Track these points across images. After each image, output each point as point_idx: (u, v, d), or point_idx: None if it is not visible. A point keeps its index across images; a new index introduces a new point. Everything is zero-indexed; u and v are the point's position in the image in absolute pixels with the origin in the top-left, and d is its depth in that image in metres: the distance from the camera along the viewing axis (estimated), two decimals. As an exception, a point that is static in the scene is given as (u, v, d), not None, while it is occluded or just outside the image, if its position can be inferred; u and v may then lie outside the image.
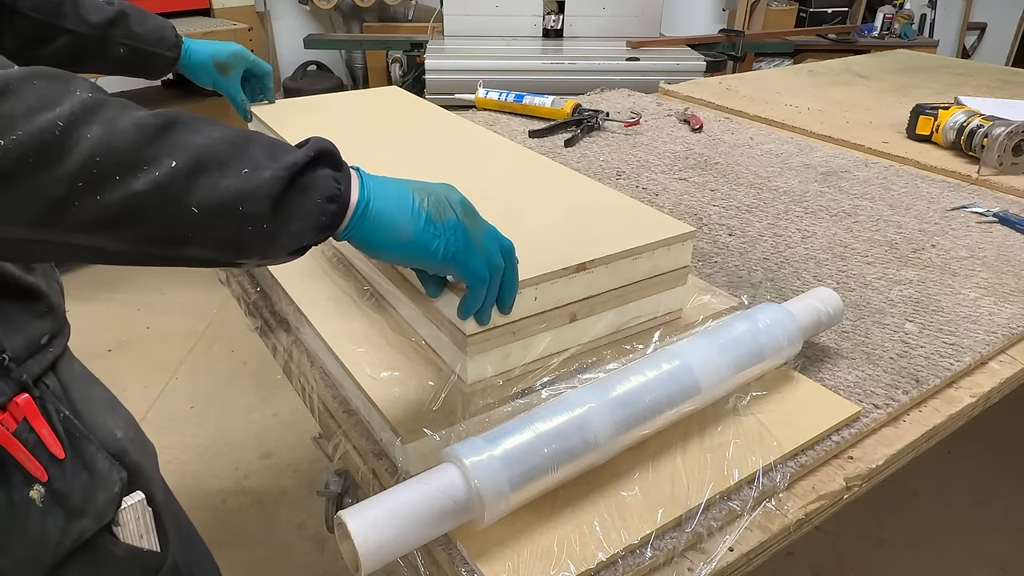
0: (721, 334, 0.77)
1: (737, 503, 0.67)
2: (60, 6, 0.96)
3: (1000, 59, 4.64)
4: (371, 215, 0.58)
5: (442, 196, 0.62)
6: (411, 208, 0.60)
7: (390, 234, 0.59)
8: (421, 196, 0.61)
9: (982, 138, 1.46)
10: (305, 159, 0.54)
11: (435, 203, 0.61)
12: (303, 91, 3.56)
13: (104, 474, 0.75)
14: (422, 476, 0.60)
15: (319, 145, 0.56)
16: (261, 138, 0.54)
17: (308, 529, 1.89)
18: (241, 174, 0.51)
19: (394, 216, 0.59)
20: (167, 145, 0.49)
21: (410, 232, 0.60)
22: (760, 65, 3.80)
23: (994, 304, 1.01)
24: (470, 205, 0.64)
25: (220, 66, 1.15)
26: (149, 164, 0.48)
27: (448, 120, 1.19)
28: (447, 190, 0.64)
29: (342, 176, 0.57)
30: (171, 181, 0.48)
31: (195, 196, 0.49)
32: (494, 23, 3.14)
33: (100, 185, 0.46)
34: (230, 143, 0.52)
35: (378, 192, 0.59)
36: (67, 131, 0.45)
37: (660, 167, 1.49)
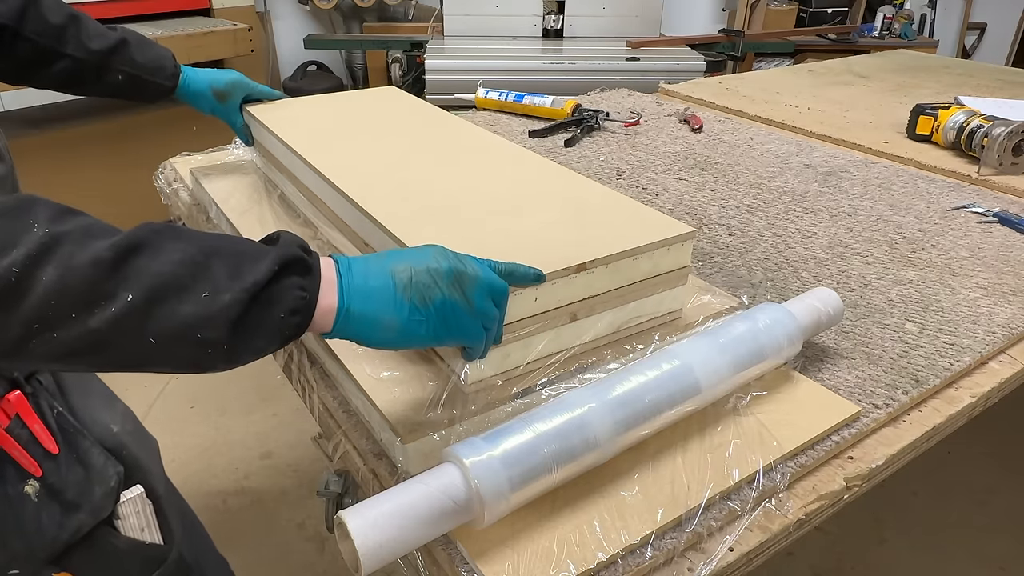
0: (721, 334, 0.77)
1: (737, 503, 0.67)
2: (63, 31, 0.97)
3: (1000, 59, 4.64)
4: (353, 317, 0.57)
5: (426, 276, 0.60)
6: (394, 301, 0.59)
7: (376, 332, 0.59)
8: (404, 282, 0.59)
9: (982, 138, 1.46)
10: (268, 275, 0.52)
11: (419, 287, 0.60)
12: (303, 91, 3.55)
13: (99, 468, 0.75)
14: (422, 476, 0.60)
15: (286, 254, 0.54)
16: (227, 248, 0.53)
17: (308, 529, 1.89)
18: (200, 299, 0.50)
19: (377, 314, 0.58)
20: (124, 277, 0.48)
21: (396, 326, 0.59)
22: (760, 65, 3.80)
23: (994, 304, 1.01)
24: (459, 268, 0.62)
25: (218, 94, 1.15)
26: (105, 300, 0.47)
27: (448, 120, 1.19)
28: (433, 261, 0.61)
29: (310, 283, 0.55)
30: (127, 315, 0.48)
31: (152, 327, 0.49)
32: (494, 23, 3.14)
33: (56, 325, 0.47)
34: (192, 264, 0.50)
35: (357, 291, 0.58)
36: (22, 276, 0.45)
37: (660, 167, 1.49)
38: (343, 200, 0.89)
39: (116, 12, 2.87)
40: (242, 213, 1.11)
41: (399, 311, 0.59)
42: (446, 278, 0.61)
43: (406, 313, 0.59)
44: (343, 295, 0.57)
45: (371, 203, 0.85)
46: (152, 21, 2.97)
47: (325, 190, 0.95)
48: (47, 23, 0.95)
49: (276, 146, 1.11)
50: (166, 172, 1.38)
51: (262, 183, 1.21)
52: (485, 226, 0.81)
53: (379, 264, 0.60)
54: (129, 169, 2.52)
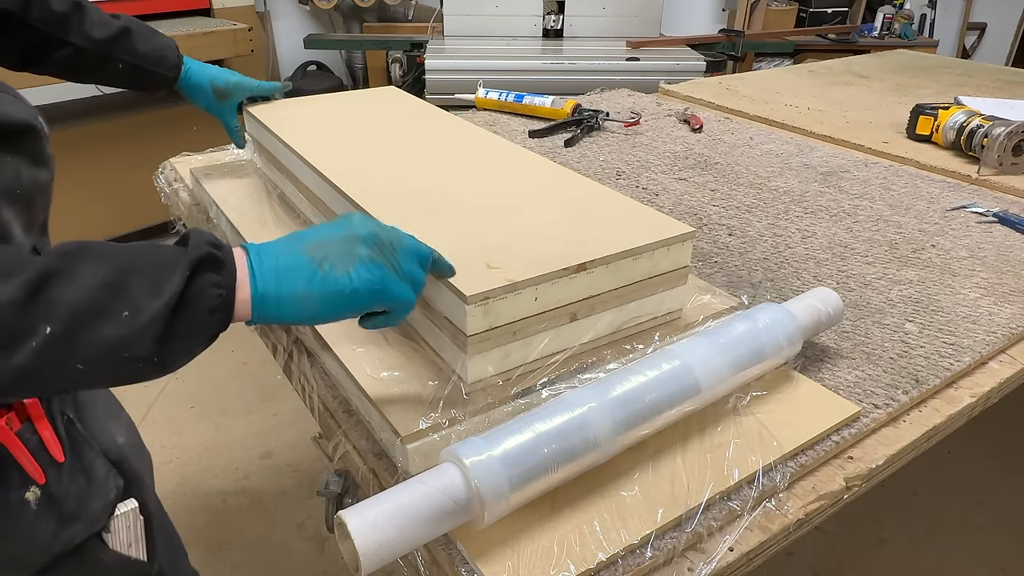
0: (721, 334, 0.77)
1: (737, 503, 0.67)
2: (67, 20, 0.97)
3: (1000, 59, 4.64)
4: (270, 301, 0.57)
5: (343, 245, 0.60)
6: (308, 278, 0.58)
7: (298, 310, 0.58)
8: (319, 257, 0.59)
9: (982, 138, 1.46)
10: (183, 282, 0.52)
11: (336, 258, 0.59)
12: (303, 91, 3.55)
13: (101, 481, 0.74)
14: (422, 476, 0.60)
15: (196, 255, 0.54)
16: (141, 263, 0.53)
17: (308, 529, 1.89)
18: (121, 319, 0.50)
19: (295, 293, 0.58)
20: (39, 310, 0.48)
21: (317, 300, 0.58)
22: (760, 65, 3.80)
23: (994, 304, 1.01)
24: (379, 234, 0.62)
25: (218, 92, 1.14)
26: (25, 336, 0.48)
27: (448, 120, 1.19)
28: (349, 230, 0.61)
29: (224, 278, 0.55)
30: (49, 347, 0.48)
31: (77, 354, 0.49)
32: (494, 23, 3.14)
33: None
34: (107, 287, 0.50)
35: (270, 274, 0.58)
36: None
37: (660, 167, 1.49)
38: (343, 200, 0.89)
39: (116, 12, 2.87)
40: (242, 213, 1.11)
41: (315, 285, 0.58)
42: (365, 244, 0.60)
43: (327, 286, 0.58)
44: (255, 282, 0.57)
45: (371, 203, 0.85)
46: (152, 21, 2.95)
47: (325, 190, 0.95)
48: (51, 11, 0.95)
49: (276, 146, 1.11)
50: (166, 172, 1.38)
51: (262, 183, 1.21)
52: (485, 226, 0.81)
53: (291, 244, 0.60)
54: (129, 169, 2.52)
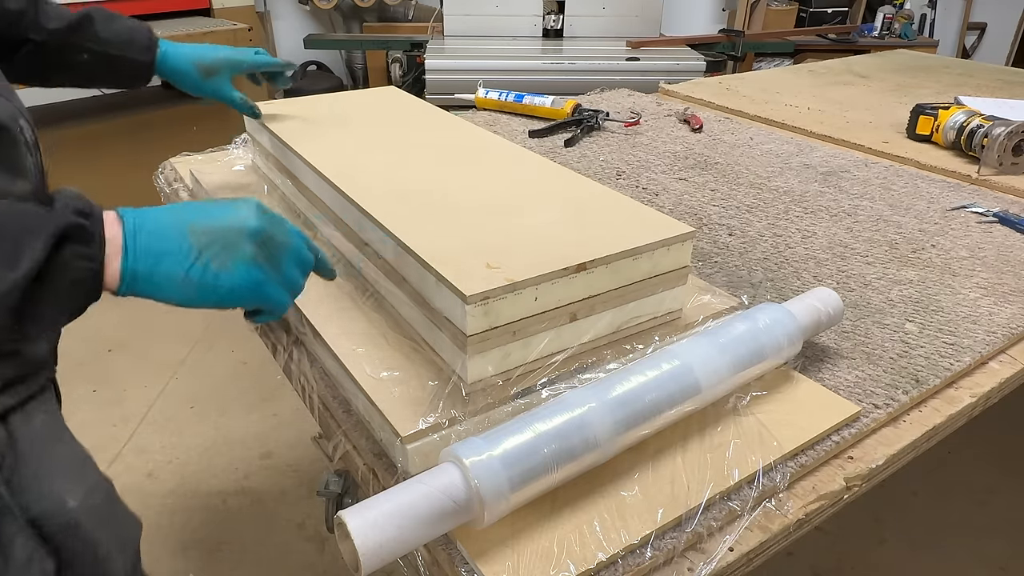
0: (721, 334, 0.77)
1: (737, 503, 0.67)
2: (21, 15, 0.90)
3: (1000, 59, 4.64)
4: (141, 279, 0.54)
5: (229, 236, 0.57)
6: (188, 266, 0.55)
7: (170, 292, 0.55)
8: (202, 244, 0.56)
9: (982, 138, 1.46)
10: (45, 252, 0.48)
11: (219, 250, 0.56)
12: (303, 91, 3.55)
13: (20, 563, 0.60)
14: (422, 476, 0.60)
15: (63, 223, 0.50)
16: (3, 230, 0.48)
17: (308, 529, 1.89)
18: None
19: (170, 276, 0.55)
20: None
21: (190, 289, 0.55)
22: (760, 65, 3.80)
23: (994, 304, 1.01)
24: (267, 231, 0.59)
25: (204, 69, 1.04)
26: None
27: (448, 120, 1.19)
28: (239, 220, 0.58)
29: (92, 250, 0.51)
30: None
31: None
32: (494, 23, 3.14)
33: None
34: None
35: (144, 253, 0.54)
36: None
37: (660, 167, 1.49)
38: (343, 200, 0.89)
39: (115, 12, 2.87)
40: (242, 213, 1.11)
41: (193, 274, 0.55)
42: (252, 239, 0.57)
43: (199, 275, 0.55)
44: (128, 257, 0.53)
45: (371, 203, 0.85)
46: (152, 21, 2.97)
47: (325, 190, 0.95)
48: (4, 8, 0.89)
49: (276, 146, 1.11)
50: (166, 172, 1.38)
51: (262, 183, 1.21)
52: (485, 226, 0.81)
53: (174, 221, 0.56)
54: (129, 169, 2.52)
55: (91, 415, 2.23)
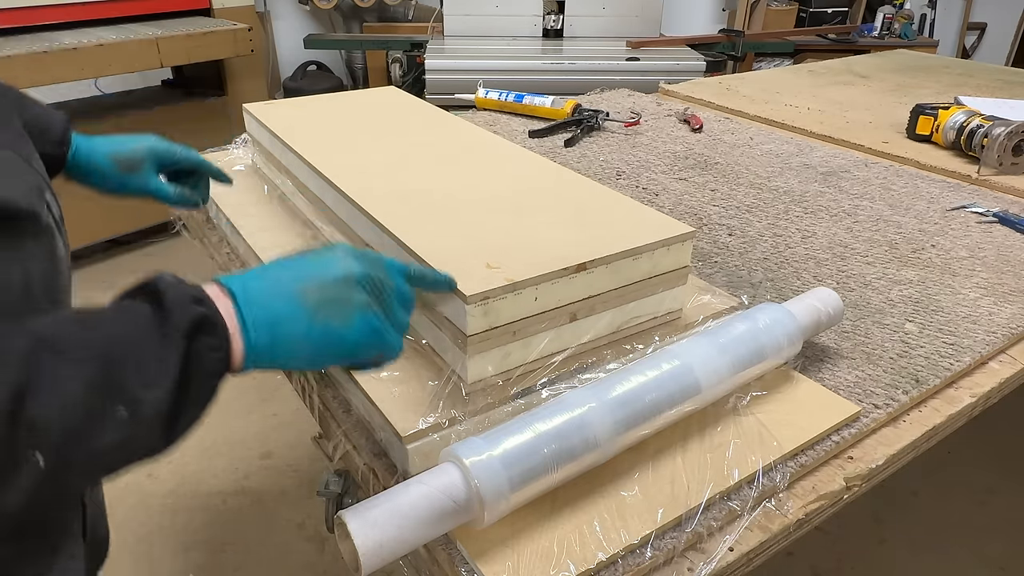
0: (721, 334, 0.77)
1: (737, 503, 0.67)
2: None
3: (1000, 59, 4.64)
4: (263, 352, 0.50)
5: (340, 290, 0.53)
6: (307, 329, 0.52)
7: (292, 358, 0.52)
8: (315, 303, 0.52)
9: (982, 138, 1.46)
10: (182, 360, 0.45)
11: (334, 305, 0.53)
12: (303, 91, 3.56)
13: None
14: (422, 476, 0.60)
15: (187, 318, 0.46)
16: (125, 348, 0.44)
17: (308, 529, 1.89)
18: (119, 420, 0.42)
19: (291, 344, 0.51)
20: (22, 439, 0.39)
21: (313, 351, 0.52)
22: (760, 65, 3.80)
23: (994, 304, 1.01)
24: (375, 275, 0.56)
25: (124, 164, 0.88)
26: (12, 471, 0.39)
27: (448, 120, 1.19)
28: (343, 269, 0.54)
29: (219, 339, 0.48)
30: (44, 478, 0.40)
31: (75, 471, 0.42)
32: (494, 23, 3.14)
33: None
34: (95, 389, 0.42)
35: (263, 325, 0.50)
36: None
37: (660, 167, 1.49)
38: (343, 200, 0.89)
39: (116, 12, 2.88)
40: (242, 213, 1.11)
41: (314, 336, 0.52)
42: (362, 288, 0.55)
43: (320, 336, 0.52)
44: (248, 333, 0.49)
45: (371, 203, 0.85)
46: (152, 21, 2.97)
47: (325, 190, 0.95)
48: None
49: (276, 146, 1.11)
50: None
51: (262, 183, 1.21)
52: (485, 226, 0.81)
53: (280, 284, 0.52)
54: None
55: (91, 415, 2.23)
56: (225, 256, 1.11)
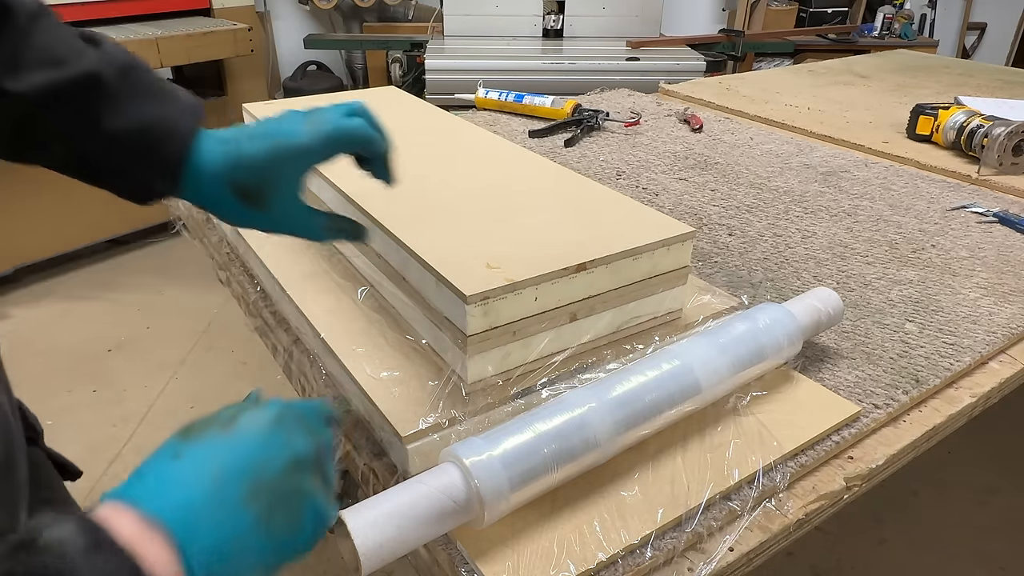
0: (721, 334, 0.77)
1: (737, 503, 0.67)
2: None
3: (1000, 59, 4.64)
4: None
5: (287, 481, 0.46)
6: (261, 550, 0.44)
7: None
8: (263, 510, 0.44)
9: (982, 138, 1.46)
10: None
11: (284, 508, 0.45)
12: (303, 91, 3.56)
13: None
14: (422, 476, 0.60)
15: None
16: None
17: (308, 529, 1.88)
18: None
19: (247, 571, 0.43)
20: None
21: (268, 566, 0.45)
22: (760, 65, 3.80)
23: (994, 304, 1.01)
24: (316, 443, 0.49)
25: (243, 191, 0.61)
26: None
27: (448, 120, 1.19)
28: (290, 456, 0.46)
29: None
30: None
31: None
32: (494, 23, 3.14)
33: None
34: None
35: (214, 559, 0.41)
36: None
37: (660, 167, 1.49)
38: (343, 200, 0.89)
39: (116, 12, 2.88)
40: (242, 213, 1.11)
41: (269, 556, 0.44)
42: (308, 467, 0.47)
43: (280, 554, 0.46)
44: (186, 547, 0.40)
45: (370, 203, 0.85)
46: (152, 21, 2.97)
47: (324, 190, 0.95)
48: None
49: (276, 146, 1.11)
50: (166, 172, 1.38)
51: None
52: (485, 226, 0.81)
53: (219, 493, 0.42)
54: (129, 169, 2.52)
55: (91, 415, 2.23)
56: (225, 256, 1.11)
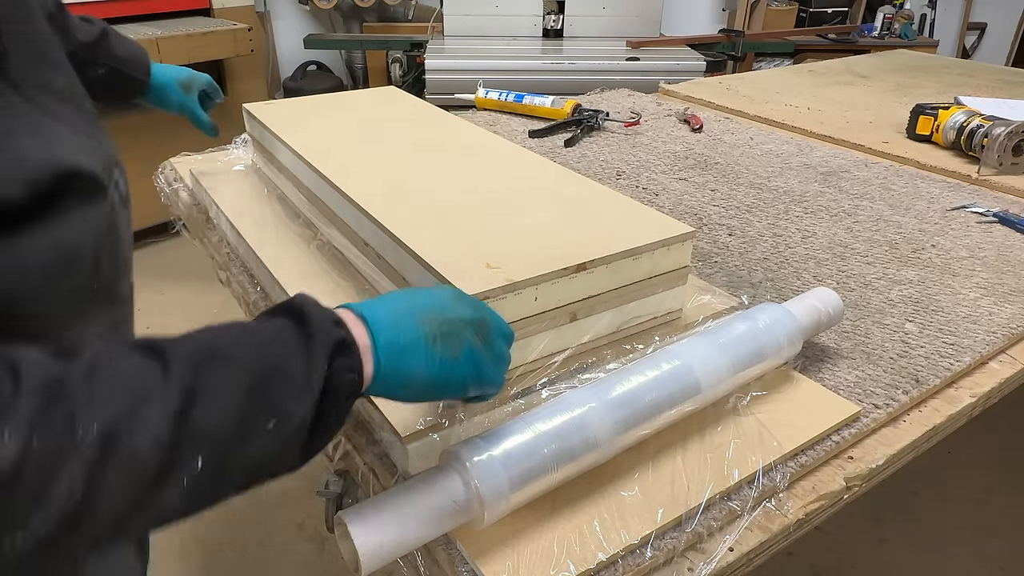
0: (721, 334, 0.77)
1: (737, 503, 0.67)
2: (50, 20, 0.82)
3: (1000, 59, 4.64)
4: (388, 377, 0.52)
5: (454, 326, 0.56)
6: (426, 356, 0.54)
7: (408, 389, 0.55)
8: (434, 334, 0.54)
9: (982, 138, 1.46)
10: (324, 380, 0.47)
11: (448, 338, 0.55)
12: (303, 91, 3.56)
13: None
14: (422, 476, 0.60)
15: (330, 340, 0.48)
16: (277, 363, 0.46)
17: (308, 529, 1.89)
18: (266, 434, 0.45)
19: (411, 371, 0.54)
20: (187, 442, 0.41)
21: (427, 380, 0.54)
22: (760, 65, 3.80)
23: (994, 304, 1.01)
24: (480, 316, 0.59)
25: (184, 86, 1.14)
26: (176, 471, 0.41)
27: (448, 120, 1.19)
28: (455, 309, 0.57)
29: (355, 361, 0.50)
30: (199, 482, 0.42)
31: (227, 479, 0.45)
32: (494, 23, 3.14)
33: (131, 517, 0.41)
34: (251, 398, 0.44)
35: (391, 349, 0.52)
36: (85, 496, 0.38)
37: (660, 167, 1.49)
38: (343, 200, 0.89)
39: (116, 12, 2.87)
40: (241, 213, 1.11)
41: (431, 365, 0.54)
42: (471, 327, 0.57)
43: (437, 367, 0.54)
44: (378, 356, 0.52)
45: (371, 203, 0.85)
46: (152, 21, 2.97)
47: (325, 190, 0.95)
48: None
49: (276, 146, 1.11)
50: (166, 172, 1.38)
51: (262, 183, 1.21)
52: (485, 226, 0.81)
53: (407, 315, 0.55)
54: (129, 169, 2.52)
55: (91, 415, 2.23)
56: (225, 256, 1.11)
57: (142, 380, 0.41)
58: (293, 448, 0.47)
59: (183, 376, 0.42)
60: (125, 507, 0.40)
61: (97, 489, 0.39)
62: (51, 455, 0.37)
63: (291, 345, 0.47)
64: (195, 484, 0.42)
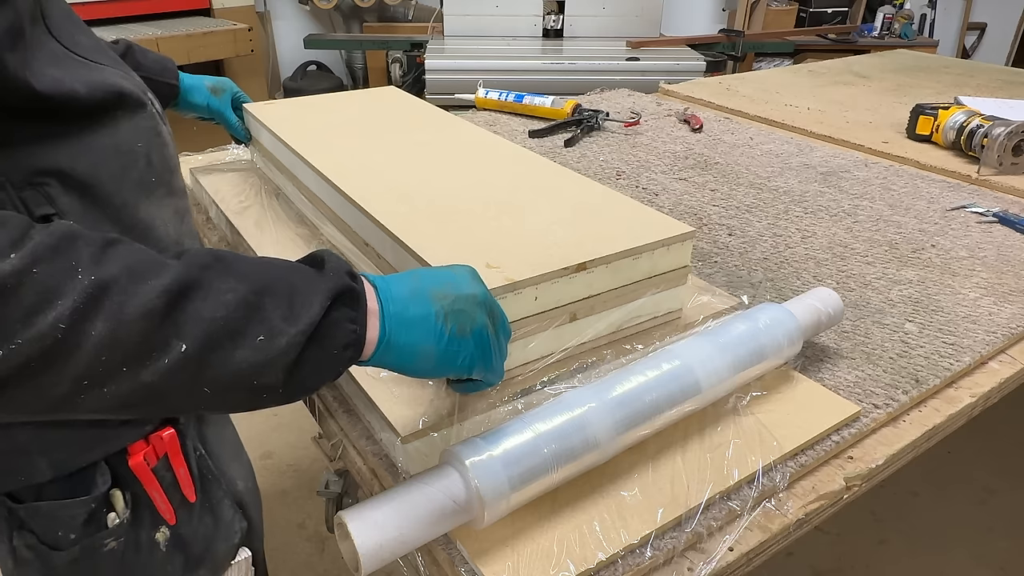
0: (721, 334, 0.77)
1: (737, 503, 0.67)
2: None
3: (1000, 59, 4.64)
4: (393, 347, 0.54)
5: (465, 303, 0.57)
6: (435, 332, 0.55)
7: (414, 361, 0.56)
8: (444, 311, 0.56)
9: (982, 138, 1.46)
10: (322, 312, 0.49)
11: (459, 315, 0.56)
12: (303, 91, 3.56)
13: (227, 523, 0.71)
14: (422, 476, 0.60)
15: (337, 286, 0.51)
16: (279, 284, 0.49)
17: (308, 529, 1.89)
18: (255, 344, 0.47)
19: (418, 344, 0.55)
20: (177, 325, 0.44)
21: (434, 356, 0.56)
22: (760, 65, 3.80)
23: (994, 304, 1.01)
24: (490, 298, 0.60)
25: (212, 89, 1.17)
26: (158, 351, 0.44)
27: (448, 120, 1.19)
28: (469, 287, 0.59)
29: (359, 314, 0.52)
30: (181, 367, 0.45)
31: (206, 376, 0.46)
32: (494, 23, 3.14)
33: (106, 380, 0.43)
34: (245, 306, 0.47)
35: (398, 319, 0.54)
36: (70, 332, 0.41)
37: (660, 167, 1.49)
38: (343, 200, 0.89)
39: (116, 12, 2.88)
40: (242, 213, 1.11)
41: (439, 341, 0.55)
42: (482, 307, 0.58)
43: (444, 343, 0.56)
44: (384, 325, 0.53)
45: (371, 203, 0.85)
46: (152, 21, 2.98)
47: (325, 190, 0.95)
48: None
49: (276, 146, 1.11)
50: (166, 172, 1.38)
51: (262, 183, 1.21)
52: (485, 226, 0.81)
53: (419, 289, 0.56)
54: (129, 169, 2.52)
55: (91, 415, 2.23)
56: (225, 256, 1.11)
57: (149, 260, 0.46)
58: (277, 367, 0.48)
59: (188, 270, 0.46)
60: (102, 366, 0.43)
61: (80, 332, 0.42)
62: (47, 285, 0.41)
63: (300, 274, 0.51)
64: (178, 368, 0.44)
